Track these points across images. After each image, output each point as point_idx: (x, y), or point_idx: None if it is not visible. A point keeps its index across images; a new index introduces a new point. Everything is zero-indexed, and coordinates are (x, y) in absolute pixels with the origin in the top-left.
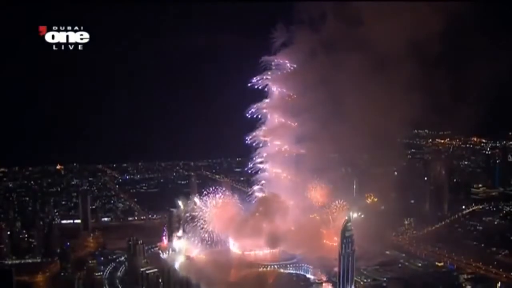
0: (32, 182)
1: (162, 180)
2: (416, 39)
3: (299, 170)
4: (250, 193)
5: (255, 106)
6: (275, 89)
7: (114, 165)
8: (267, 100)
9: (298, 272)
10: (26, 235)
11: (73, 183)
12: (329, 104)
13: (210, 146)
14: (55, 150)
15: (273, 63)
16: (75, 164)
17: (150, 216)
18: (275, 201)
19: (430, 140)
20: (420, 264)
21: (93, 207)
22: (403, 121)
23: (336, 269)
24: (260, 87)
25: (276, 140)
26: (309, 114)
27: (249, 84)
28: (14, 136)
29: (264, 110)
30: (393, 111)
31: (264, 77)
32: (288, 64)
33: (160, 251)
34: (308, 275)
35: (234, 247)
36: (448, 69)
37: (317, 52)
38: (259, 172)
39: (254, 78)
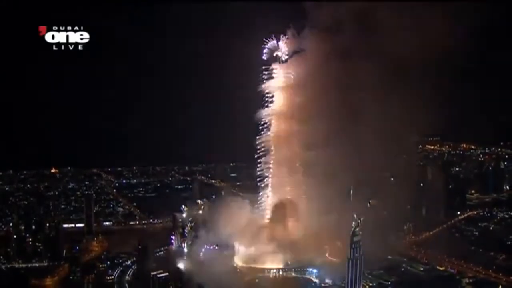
0: (28, 185)
1: (158, 185)
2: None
3: (304, 176)
4: (258, 198)
5: (260, 111)
6: (281, 95)
7: (109, 169)
8: (272, 106)
9: (304, 276)
10: (30, 239)
11: (69, 186)
12: (335, 110)
13: (206, 150)
14: (49, 153)
15: (275, 70)
16: (69, 168)
17: (151, 220)
18: (290, 207)
19: (420, 146)
20: (422, 268)
21: (94, 211)
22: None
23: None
24: (263, 93)
25: (281, 147)
26: (316, 120)
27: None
28: (9, 138)
29: (270, 116)
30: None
31: (271, 84)
32: (295, 71)
33: (170, 255)
34: (315, 279)
35: (242, 251)
36: (441, 74)
37: (323, 59)
38: (265, 179)
39: (260, 83)
